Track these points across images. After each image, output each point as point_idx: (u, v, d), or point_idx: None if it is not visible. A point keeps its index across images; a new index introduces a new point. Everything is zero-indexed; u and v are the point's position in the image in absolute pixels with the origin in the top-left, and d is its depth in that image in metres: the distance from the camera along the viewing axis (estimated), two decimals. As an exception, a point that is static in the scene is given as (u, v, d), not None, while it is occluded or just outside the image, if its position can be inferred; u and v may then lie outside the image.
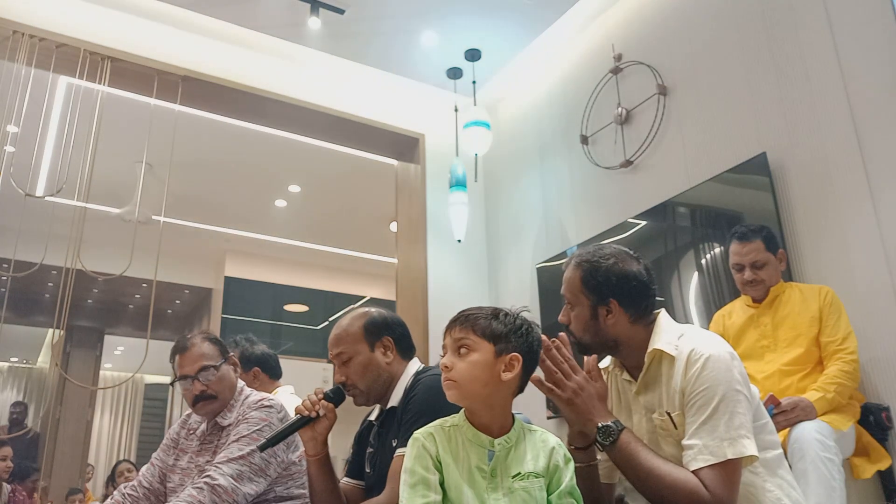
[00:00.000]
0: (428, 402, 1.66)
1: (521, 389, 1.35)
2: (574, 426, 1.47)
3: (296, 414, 1.71)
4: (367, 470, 1.83)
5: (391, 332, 1.85)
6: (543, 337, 1.41)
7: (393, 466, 1.66)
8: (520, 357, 1.31)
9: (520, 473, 1.25)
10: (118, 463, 5.53)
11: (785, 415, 2.16)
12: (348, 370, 1.78)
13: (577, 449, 1.47)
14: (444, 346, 1.34)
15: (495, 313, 1.33)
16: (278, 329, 7.86)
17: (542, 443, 1.30)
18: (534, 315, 1.40)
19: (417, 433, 1.30)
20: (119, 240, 4.55)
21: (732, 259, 2.56)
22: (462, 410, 1.33)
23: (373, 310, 1.88)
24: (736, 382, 1.37)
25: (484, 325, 1.31)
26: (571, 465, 1.31)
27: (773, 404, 2.16)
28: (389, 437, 1.74)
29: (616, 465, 1.40)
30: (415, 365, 1.86)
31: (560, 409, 1.46)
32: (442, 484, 1.24)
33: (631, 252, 1.56)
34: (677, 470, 1.33)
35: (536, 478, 1.25)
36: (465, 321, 1.32)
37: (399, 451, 1.64)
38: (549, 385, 1.42)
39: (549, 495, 1.26)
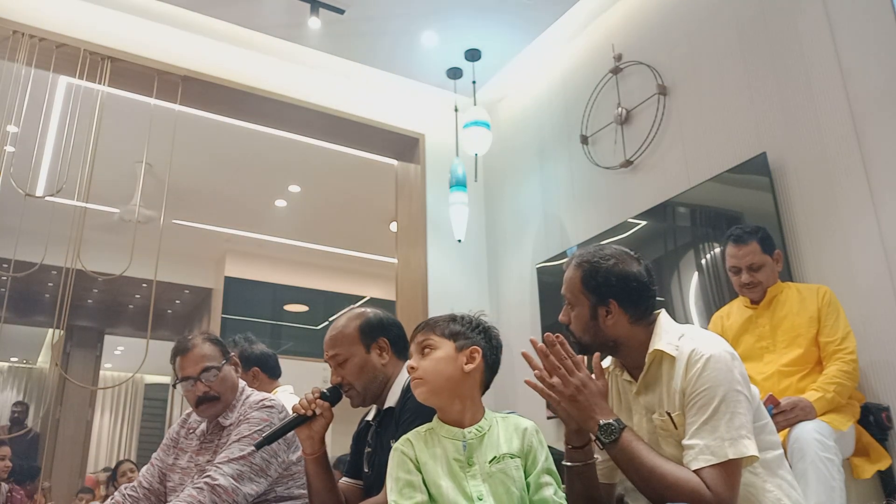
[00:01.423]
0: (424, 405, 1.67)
1: (487, 385, 1.44)
2: (571, 425, 1.47)
3: (292, 412, 1.72)
4: (366, 470, 1.83)
5: (387, 333, 1.85)
6: (548, 333, 1.44)
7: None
8: (479, 349, 1.41)
9: (495, 457, 1.30)
10: (120, 463, 5.53)
11: (784, 415, 2.16)
12: (344, 371, 1.79)
13: (573, 448, 1.47)
14: (409, 354, 1.44)
15: (453, 317, 1.45)
16: (278, 329, 7.86)
17: (515, 426, 1.36)
18: (534, 315, 1.45)
19: (396, 443, 1.37)
20: (119, 240, 4.56)
21: (729, 262, 2.55)
22: (436, 415, 1.39)
23: (368, 311, 1.88)
24: (736, 383, 1.37)
25: (443, 327, 1.42)
26: (544, 441, 1.36)
27: (772, 404, 2.16)
28: (387, 436, 1.74)
29: (617, 463, 1.40)
30: None
31: (555, 408, 1.46)
32: (425, 484, 1.29)
33: (632, 253, 1.56)
34: (679, 469, 1.33)
35: (512, 458, 1.30)
36: (425, 326, 1.44)
37: None
38: (542, 386, 1.42)
39: (526, 477, 1.31)
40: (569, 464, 1.45)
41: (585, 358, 1.50)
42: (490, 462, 1.29)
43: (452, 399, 1.36)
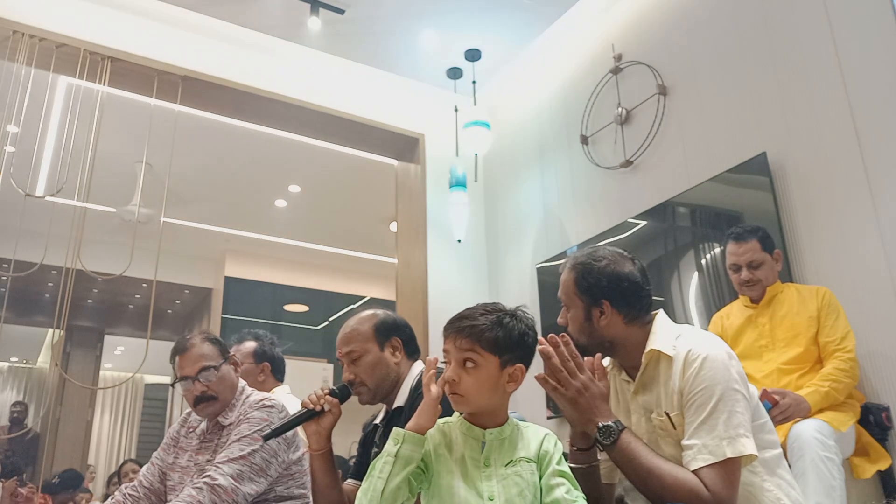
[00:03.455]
0: None
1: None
2: (576, 426, 1.47)
3: (301, 407, 1.73)
4: None
5: (400, 334, 1.89)
6: (552, 334, 1.43)
7: None
8: (524, 368, 1.33)
9: (511, 461, 1.28)
10: (124, 462, 5.53)
11: (777, 407, 2.16)
12: (357, 368, 1.82)
13: (578, 450, 1.47)
14: (445, 352, 1.33)
15: (500, 321, 1.32)
16: (278, 329, 7.85)
17: (534, 433, 1.34)
18: (534, 315, 1.42)
19: None
20: (119, 240, 4.55)
21: (729, 259, 2.58)
22: (456, 413, 1.36)
23: (381, 311, 1.92)
24: (734, 382, 1.37)
25: (490, 338, 1.29)
26: (560, 447, 1.33)
27: (767, 400, 2.16)
28: None
29: (616, 464, 1.41)
30: (419, 366, 1.89)
31: (562, 407, 1.46)
32: (432, 478, 1.28)
33: (626, 253, 1.56)
34: (677, 469, 1.33)
35: (528, 462, 1.28)
36: (470, 332, 1.30)
37: None
38: (553, 383, 1.42)
39: (540, 481, 1.29)
40: (573, 465, 1.45)
41: (594, 359, 1.49)
42: (506, 465, 1.27)
43: (486, 411, 1.33)
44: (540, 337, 1.42)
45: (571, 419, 1.46)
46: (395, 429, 1.26)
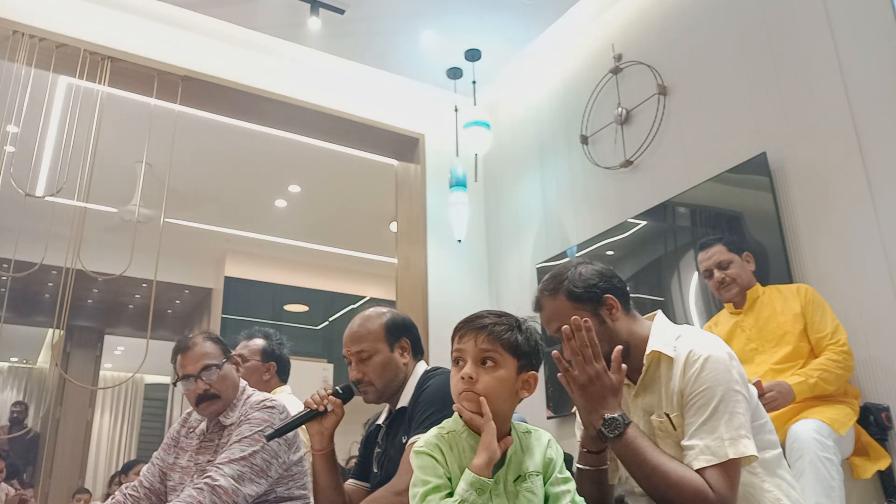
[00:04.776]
0: (438, 395, 1.67)
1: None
2: (591, 430, 1.43)
3: (305, 407, 1.73)
4: (375, 470, 1.84)
5: (409, 334, 1.88)
6: (575, 317, 1.41)
7: (405, 455, 1.66)
8: (537, 376, 1.30)
9: (520, 476, 1.24)
10: (135, 463, 5.52)
11: (763, 398, 2.17)
12: (366, 368, 1.80)
13: (588, 452, 1.46)
14: (460, 350, 1.28)
15: (518, 325, 1.30)
16: (278, 329, 7.84)
17: (537, 441, 1.31)
18: (535, 315, 1.42)
19: (420, 445, 1.25)
20: (119, 240, 4.56)
21: (700, 267, 2.65)
22: (456, 415, 1.28)
23: (388, 310, 1.91)
24: (735, 382, 1.37)
25: (511, 340, 1.26)
26: (560, 451, 1.32)
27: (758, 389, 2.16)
28: (399, 435, 1.75)
29: (621, 459, 1.40)
30: (422, 366, 1.89)
31: (571, 393, 1.43)
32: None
33: (578, 259, 1.61)
34: (682, 468, 1.33)
35: (537, 475, 1.26)
36: (490, 332, 1.26)
37: (413, 440, 1.64)
38: (566, 364, 1.40)
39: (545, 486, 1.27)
40: (582, 466, 1.45)
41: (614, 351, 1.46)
42: (515, 481, 1.23)
43: (496, 417, 1.24)
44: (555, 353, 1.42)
45: (578, 407, 1.43)
46: (475, 479, 1.16)
